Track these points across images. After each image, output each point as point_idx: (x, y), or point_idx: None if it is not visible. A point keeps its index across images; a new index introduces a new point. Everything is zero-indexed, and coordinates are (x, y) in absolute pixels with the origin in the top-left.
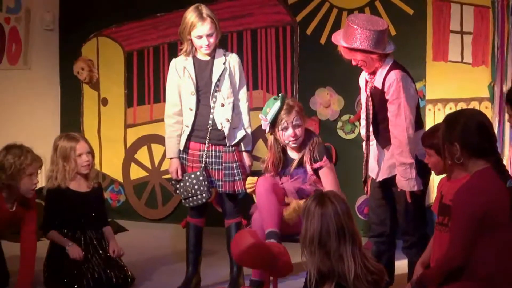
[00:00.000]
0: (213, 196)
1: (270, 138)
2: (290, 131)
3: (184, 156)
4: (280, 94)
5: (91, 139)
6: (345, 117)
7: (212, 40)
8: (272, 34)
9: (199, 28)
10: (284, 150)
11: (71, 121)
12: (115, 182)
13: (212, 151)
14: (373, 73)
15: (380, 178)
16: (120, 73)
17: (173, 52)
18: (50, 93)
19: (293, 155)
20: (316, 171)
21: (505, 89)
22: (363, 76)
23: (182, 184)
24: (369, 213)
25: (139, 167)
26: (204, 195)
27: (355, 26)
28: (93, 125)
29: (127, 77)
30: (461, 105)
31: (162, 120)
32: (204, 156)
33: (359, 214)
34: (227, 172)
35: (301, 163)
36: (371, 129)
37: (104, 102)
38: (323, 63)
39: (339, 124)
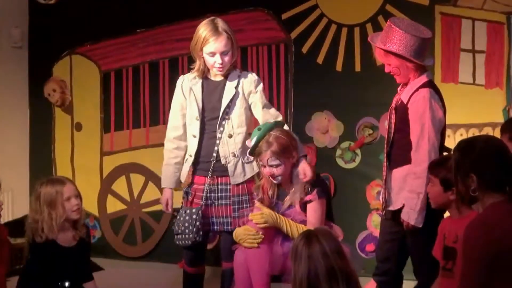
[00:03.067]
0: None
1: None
2: (266, 169)
3: (188, 190)
4: (264, 125)
5: (64, 167)
6: (344, 144)
7: (227, 58)
8: (264, 52)
9: (212, 44)
10: None
11: (41, 148)
12: (90, 216)
13: (218, 184)
14: (405, 85)
15: (390, 208)
16: (96, 95)
17: (155, 72)
18: (18, 117)
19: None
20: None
21: None
22: None
23: (178, 217)
24: (375, 249)
25: (117, 200)
26: (190, 236)
27: (397, 28)
28: (66, 153)
29: (103, 99)
30: (473, 131)
31: (142, 147)
32: (207, 191)
33: (361, 251)
34: (236, 207)
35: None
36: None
37: (78, 127)
38: (321, 85)
39: (338, 152)
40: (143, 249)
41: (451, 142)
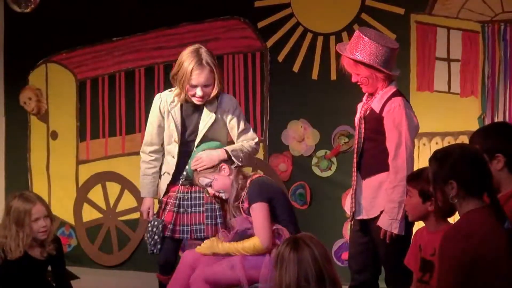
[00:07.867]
0: None
1: None
2: (208, 190)
3: (162, 199)
4: (195, 149)
5: (39, 176)
6: (320, 153)
7: (207, 90)
8: (240, 61)
9: (195, 77)
10: None
11: (17, 156)
12: (65, 225)
13: (191, 192)
14: (371, 95)
15: (359, 217)
16: (72, 104)
17: (131, 80)
18: None
19: None
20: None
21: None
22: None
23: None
24: (348, 260)
25: (93, 208)
26: (148, 247)
27: (367, 38)
28: (42, 161)
29: (79, 108)
30: (449, 139)
31: (118, 155)
32: (180, 199)
33: (337, 260)
34: (209, 214)
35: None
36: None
37: (54, 135)
38: (296, 93)
39: (314, 160)
40: (119, 257)
41: (426, 150)
